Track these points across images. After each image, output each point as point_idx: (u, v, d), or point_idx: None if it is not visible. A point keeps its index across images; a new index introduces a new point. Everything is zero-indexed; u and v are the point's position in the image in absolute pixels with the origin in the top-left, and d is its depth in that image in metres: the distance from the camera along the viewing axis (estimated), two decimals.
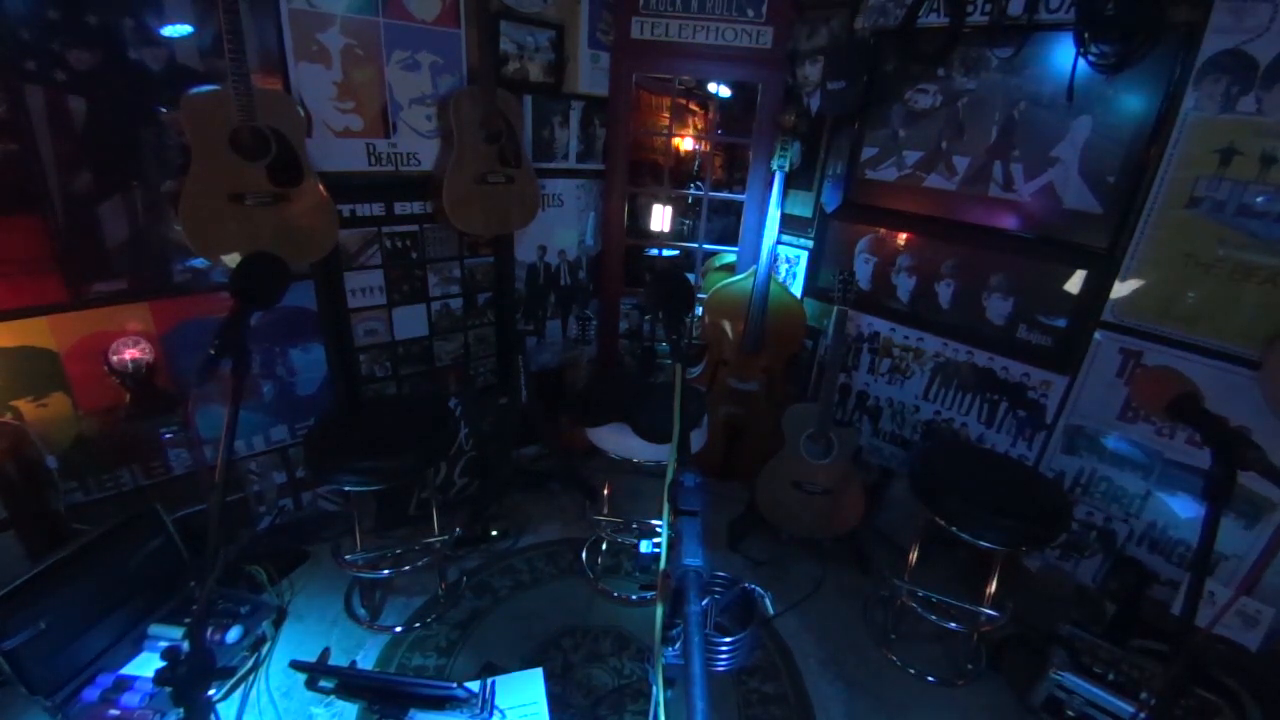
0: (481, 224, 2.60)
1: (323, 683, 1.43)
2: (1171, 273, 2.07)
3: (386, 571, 2.31)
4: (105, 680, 1.83)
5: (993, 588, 2.18)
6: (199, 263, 2.15)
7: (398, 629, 2.23)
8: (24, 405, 1.95)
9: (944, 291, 2.66)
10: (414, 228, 2.65)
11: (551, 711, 1.77)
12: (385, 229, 2.57)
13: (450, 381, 3.00)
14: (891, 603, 2.38)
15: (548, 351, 3.39)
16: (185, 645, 1.15)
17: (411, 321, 2.79)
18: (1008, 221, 2.42)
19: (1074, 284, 2.30)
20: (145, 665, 1.90)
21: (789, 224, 3.11)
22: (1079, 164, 2.21)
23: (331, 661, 2.08)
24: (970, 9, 2.33)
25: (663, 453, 2.17)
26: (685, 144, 4.35)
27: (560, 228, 3.16)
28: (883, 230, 2.81)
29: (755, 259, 2.87)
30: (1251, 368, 1.95)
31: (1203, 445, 1.14)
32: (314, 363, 2.55)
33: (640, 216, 3.61)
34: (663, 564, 1.04)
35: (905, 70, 2.59)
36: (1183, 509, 2.18)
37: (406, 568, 2.33)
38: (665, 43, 2.81)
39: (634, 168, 3.20)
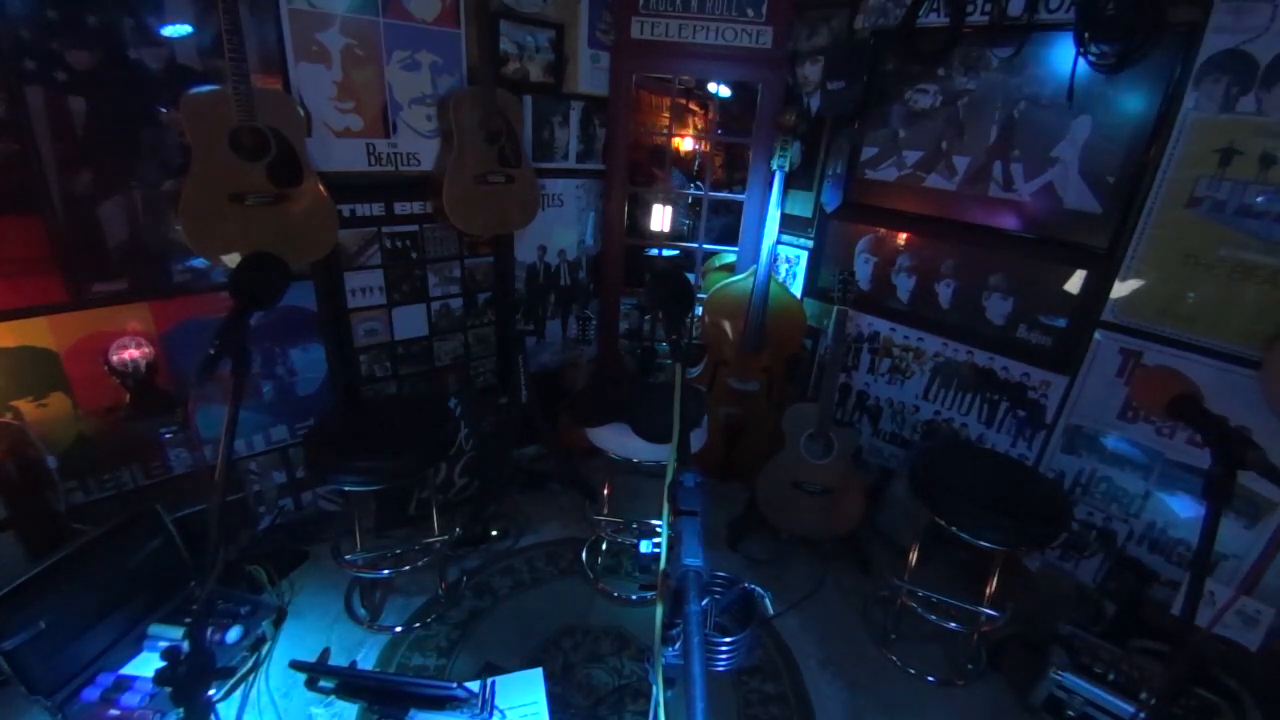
0: (481, 224, 2.60)
1: (323, 683, 1.43)
2: (1171, 273, 2.07)
3: (386, 571, 2.30)
4: (105, 680, 1.83)
5: (993, 588, 2.18)
6: (199, 263, 2.15)
7: (398, 629, 2.23)
8: (24, 405, 1.95)
9: (944, 291, 2.66)
10: (414, 228, 2.65)
11: (551, 711, 1.77)
12: (385, 229, 2.57)
13: (450, 381, 3.00)
14: (891, 603, 2.38)
15: (548, 351, 3.38)
16: (185, 645, 1.15)
17: (411, 321, 2.79)
18: (1008, 221, 2.42)
19: (1074, 284, 2.30)
20: (145, 665, 1.90)
21: (789, 224, 3.11)
22: (1079, 164, 2.21)
23: (331, 661, 2.08)
24: (970, 9, 2.33)
25: (663, 453, 2.17)
26: (685, 144, 4.35)
27: (560, 228, 3.16)
28: (883, 230, 2.81)
29: (755, 259, 2.87)
30: (1251, 368, 1.95)
31: (1203, 445, 1.14)
32: (314, 363, 2.55)
33: (640, 216, 3.60)
34: (663, 564, 1.04)
35: (905, 70, 2.59)
36: (1183, 509, 2.18)
37: (406, 568, 2.33)
38: (665, 43, 2.81)
39: (634, 168, 3.20)
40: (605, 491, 2.60)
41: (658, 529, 2.10)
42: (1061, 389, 2.39)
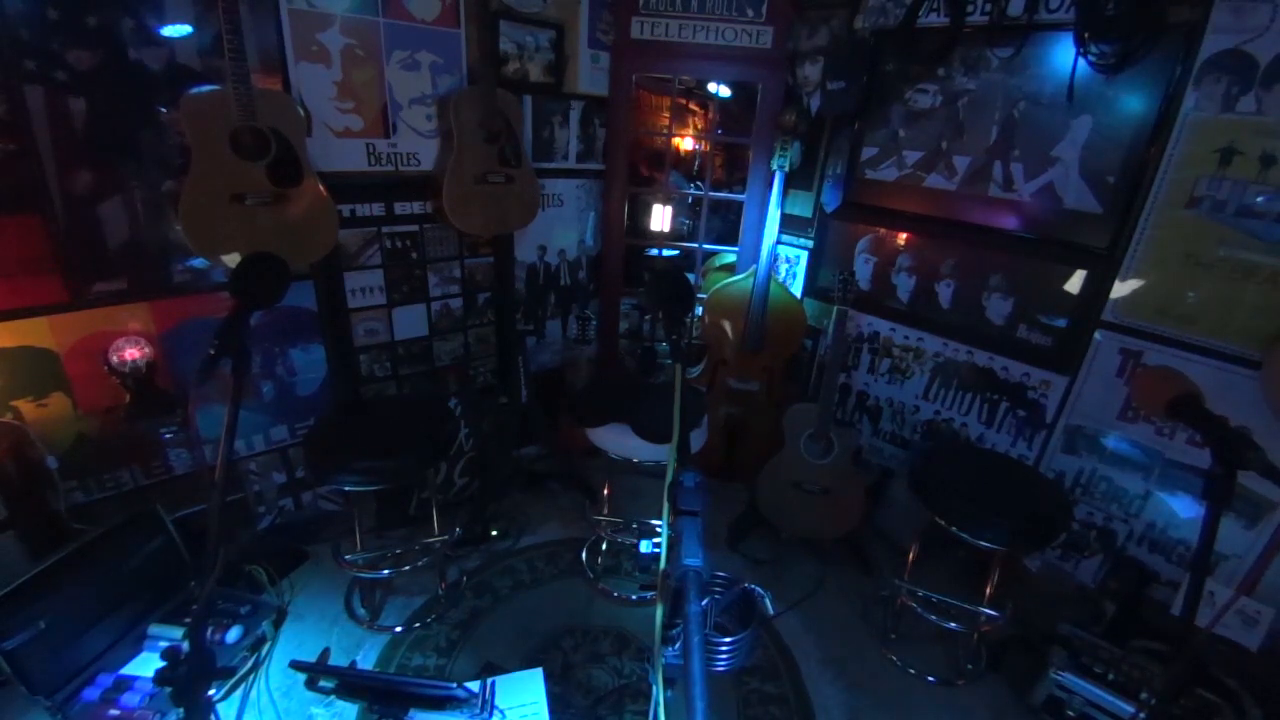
0: (481, 224, 2.60)
1: (323, 683, 1.43)
2: (1172, 273, 2.07)
3: (386, 571, 2.30)
4: (105, 680, 1.83)
5: (992, 588, 2.18)
6: (199, 263, 2.15)
7: (398, 629, 2.23)
8: (24, 405, 1.95)
9: (944, 291, 2.66)
10: (414, 228, 2.65)
11: (551, 711, 1.77)
12: (385, 229, 2.57)
13: (450, 381, 3.00)
14: (891, 603, 2.38)
15: (548, 351, 3.38)
16: (185, 645, 1.15)
17: (411, 321, 2.79)
18: (1008, 221, 2.42)
19: (1074, 284, 2.30)
20: (145, 665, 1.90)
21: (789, 224, 3.11)
22: (1079, 164, 2.21)
23: (331, 661, 2.08)
24: (970, 9, 2.33)
25: (663, 453, 2.17)
26: (685, 144, 4.35)
27: (560, 228, 3.16)
28: (883, 230, 2.81)
29: (755, 259, 2.87)
30: (1251, 368, 1.95)
31: (1203, 445, 1.14)
32: (314, 363, 2.54)
33: (640, 216, 3.60)
34: (663, 564, 1.04)
35: (905, 70, 2.59)
36: (1183, 509, 2.18)
37: (406, 568, 2.33)
38: (665, 43, 2.81)
39: (633, 168, 3.20)
40: (605, 491, 2.60)
41: (658, 529, 2.10)
42: (1061, 389, 2.39)
